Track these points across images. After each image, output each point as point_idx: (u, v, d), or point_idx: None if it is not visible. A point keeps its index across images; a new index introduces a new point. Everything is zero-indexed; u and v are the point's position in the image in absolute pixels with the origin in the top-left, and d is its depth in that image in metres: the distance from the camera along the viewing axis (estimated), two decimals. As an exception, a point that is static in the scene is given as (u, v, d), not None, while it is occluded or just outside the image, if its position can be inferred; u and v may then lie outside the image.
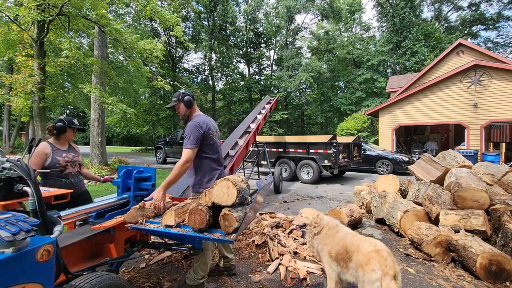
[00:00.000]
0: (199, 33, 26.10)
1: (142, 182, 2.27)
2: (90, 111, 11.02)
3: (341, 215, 3.79)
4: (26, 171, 1.36)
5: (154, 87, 19.41)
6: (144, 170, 2.30)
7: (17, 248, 0.98)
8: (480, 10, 28.92)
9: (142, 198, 2.20)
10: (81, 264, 1.77)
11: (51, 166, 2.30)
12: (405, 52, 24.61)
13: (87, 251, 1.90)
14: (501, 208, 2.97)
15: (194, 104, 2.36)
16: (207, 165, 2.27)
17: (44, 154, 2.30)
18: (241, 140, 5.60)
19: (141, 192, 2.25)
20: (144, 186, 2.26)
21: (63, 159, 2.37)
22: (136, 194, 2.23)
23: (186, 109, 2.31)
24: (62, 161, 2.36)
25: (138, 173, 2.24)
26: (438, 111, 12.26)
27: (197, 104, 2.48)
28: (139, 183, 2.25)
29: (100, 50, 10.23)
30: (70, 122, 2.44)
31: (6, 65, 16.51)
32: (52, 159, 2.31)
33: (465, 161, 4.21)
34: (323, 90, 28.90)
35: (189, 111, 2.33)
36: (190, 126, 2.19)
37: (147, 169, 2.32)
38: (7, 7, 7.59)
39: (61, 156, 2.38)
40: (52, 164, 2.31)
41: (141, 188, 2.25)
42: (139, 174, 2.24)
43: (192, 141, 2.13)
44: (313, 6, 27.43)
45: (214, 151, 2.30)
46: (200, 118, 2.27)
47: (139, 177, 2.24)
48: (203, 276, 2.16)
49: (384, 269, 1.61)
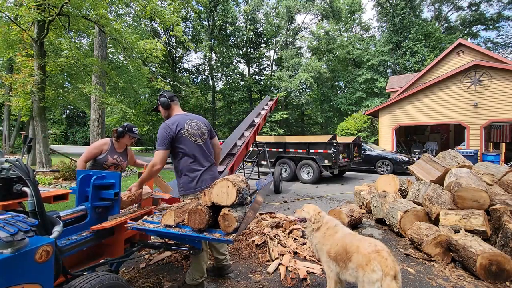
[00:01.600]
0: (199, 33, 26.13)
1: (103, 190, 1.91)
2: (90, 111, 11.02)
3: (341, 215, 3.78)
4: (25, 172, 1.36)
5: (154, 87, 19.43)
6: (106, 176, 1.95)
7: (15, 248, 0.97)
8: (480, 10, 28.92)
9: (104, 210, 1.94)
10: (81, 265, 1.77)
11: (100, 161, 2.60)
12: (405, 52, 24.61)
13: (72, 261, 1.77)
14: (501, 208, 2.97)
15: (172, 105, 2.29)
16: (185, 166, 2.18)
17: (101, 149, 2.61)
18: (240, 142, 5.61)
19: (102, 202, 1.91)
20: (106, 195, 1.89)
21: (112, 159, 2.65)
22: (96, 205, 1.88)
23: (164, 111, 2.28)
24: (110, 161, 2.64)
25: (98, 179, 1.88)
26: (438, 111, 12.25)
27: (197, 104, 2.50)
28: (100, 191, 1.90)
29: (100, 50, 10.23)
30: (129, 130, 2.72)
31: (6, 65, 16.51)
32: (104, 156, 2.61)
33: (465, 161, 4.20)
34: (323, 90, 28.90)
35: (168, 112, 2.29)
36: (160, 128, 2.14)
37: (111, 174, 1.97)
38: (7, 7, 7.59)
39: (112, 156, 2.65)
40: (102, 160, 2.61)
41: (102, 197, 1.91)
42: (99, 181, 1.88)
43: (160, 143, 2.08)
44: (313, 6, 27.45)
45: (190, 151, 2.17)
46: (173, 118, 2.20)
47: (99, 184, 1.88)
48: (201, 275, 2.14)
49: (385, 269, 1.61)
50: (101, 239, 1.87)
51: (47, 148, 8.98)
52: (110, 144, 2.66)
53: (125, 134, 2.69)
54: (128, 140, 2.75)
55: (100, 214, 1.92)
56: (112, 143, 2.68)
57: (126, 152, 2.84)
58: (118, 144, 2.73)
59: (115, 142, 2.71)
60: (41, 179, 7.04)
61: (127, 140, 2.74)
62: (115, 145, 2.71)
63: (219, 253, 2.48)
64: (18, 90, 8.84)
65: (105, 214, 1.96)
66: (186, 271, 2.59)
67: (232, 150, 5.38)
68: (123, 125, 2.72)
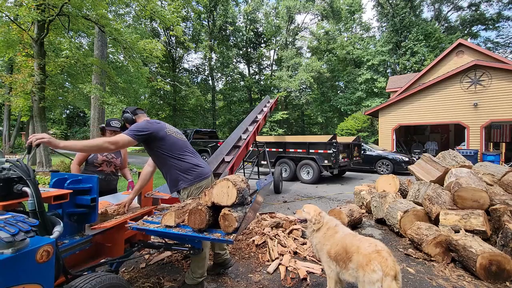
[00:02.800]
0: (199, 33, 26.13)
1: (78, 195, 1.73)
2: (90, 111, 11.02)
3: (341, 215, 3.78)
4: (26, 172, 1.36)
5: (154, 87, 19.43)
6: (82, 180, 1.77)
7: (16, 248, 0.97)
8: (480, 10, 28.90)
9: (80, 217, 1.75)
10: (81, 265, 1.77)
11: (91, 160, 2.60)
12: (405, 52, 24.60)
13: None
14: (501, 208, 2.97)
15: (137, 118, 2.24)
16: (184, 159, 2.22)
17: None
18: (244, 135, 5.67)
19: (77, 209, 1.72)
20: (82, 201, 1.71)
21: (102, 157, 2.63)
22: (70, 212, 1.70)
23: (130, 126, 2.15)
24: (100, 158, 2.63)
25: (73, 183, 1.71)
26: (438, 111, 12.26)
27: (197, 104, 2.52)
28: (75, 197, 1.71)
29: (100, 50, 10.23)
30: (107, 124, 2.69)
31: (6, 65, 16.51)
32: (94, 154, 2.60)
33: (465, 161, 4.20)
34: (323, 90, 28.89)
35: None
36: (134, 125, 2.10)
37: (87, 178, 1.78)
38: (7, 7, 7.59)
39: (102, 154, 2.63)
40: (92, 159, 2.61)
41: (78, 203, 1.72)
42: (74, 185, 1.71)
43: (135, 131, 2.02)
44: (313, 6, 27.45)
45: (182, 144, 2.25)
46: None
47: (74, 188, 1.70)
48: (201, 274, 2.13)
49: (385, 269, 1.61)
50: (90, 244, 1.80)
51: (47, 148, 8.98)
52: None
53: (105, 130, 2.67)
54: (110, 135, 2.63)
55: (76, 221, 1.75)
56: None
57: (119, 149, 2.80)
58: None
59: None
60: (41, 179, 7.04)
61: (110, 135, 2.65)
62: None
63: (221, 248, 2.52)
64: (18, 90, 8.83)
65: (81, 222, 1.78)
66: (186, 271, 2.60)
67: (237, 142, 5.68)
68: (106, 121, 2.72)
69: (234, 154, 5.12)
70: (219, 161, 4.98)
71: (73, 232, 1.75)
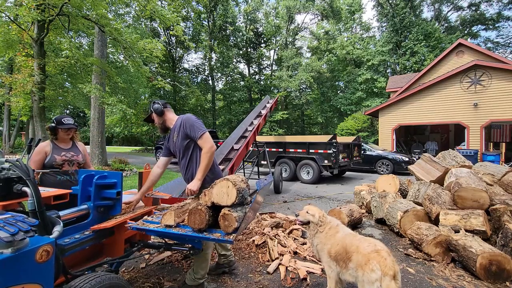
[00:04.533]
0: (199, 33, 26.12)
1: (105, 189, 1.93)
2: (90, 111, 11.01)
3: (341, 215, 3.78)
4: (25, 172, 1.36)
5: (154, 87, 19.42)
6: (108, 176, 1.97)
7: (16, 248, 0.97)
8: (480, 10, 28.89)
9: (106, 209, 1.96)
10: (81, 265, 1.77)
11: (49, 163, 2.36)
12: (405, 52, 24.59)
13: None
14: (501, 208, 2.97)
15: (166, 111, 2.29)
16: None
17: (44, 152, 2.37)
18: (237, 145, 5.68)
19: (104, 202, 1.93)
20: (108, 195, 1.91)
21: (60, 157, 2.42)
22: (98, 204, 1.90)
23: (158, 118, 2.27)
24: (59, 159, 2.41)
25: (100, 179, 1.90)
26: (438, 111, 12.26)
27: (197, 104, 2.50)
28: (102, 191, 1.92)
29: (100, 50, 10.23)
30: (58, 122, 2.43)
31: (6, 65, 16.51)
32: (50, 157, 2.38)
33: (465, 161, 4.20)
34: (323, 90, 28.89)
35: (162, 119, 2.28)
36: (191, 116, 2.20)
37: (112, 174, 1.98)
38: (7, 7, 7.58)
39: (59, 154, 2.42)
40: (50, 162, 2.37)
41: (104, 197, 1.92)
42: (101, 181, 1.91)
43: (202, 127, 2.15)
44: (313, 6, 27.45)
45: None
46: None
47: (101, 183, 1.90)
48: (203, 275, 2.13)
49: (384, 269, 1.61)
50: (102, 238, 1.87)
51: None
52: (51, 144, 2.44)
53: (57, 129, 2.44)
54: (64, 134, 2.48)
55: (102, 213, 1.93)
56: (53, 143, 2.46)
57: (76, 146, 2.59)
58: (59, 141, 2.50)
59: (55, 141, 2.48)
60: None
61: (64, 134, 2.48)
62: (57, 143, 2.48)
63: (226, 249, 2.54)
64: (18, 90, 8.82)
65: (107, 213, 1.98)
66: (186, 271, 2.60)
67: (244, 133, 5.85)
68: (52, 119, 2.47)
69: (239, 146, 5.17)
70: (219, 161, 4.98)
71: (101, 221, 1.90)
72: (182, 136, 2.16)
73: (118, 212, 2.00)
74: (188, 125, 2.14)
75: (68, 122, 2.47)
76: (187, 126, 2.14)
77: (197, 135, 2.09)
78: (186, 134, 2.14)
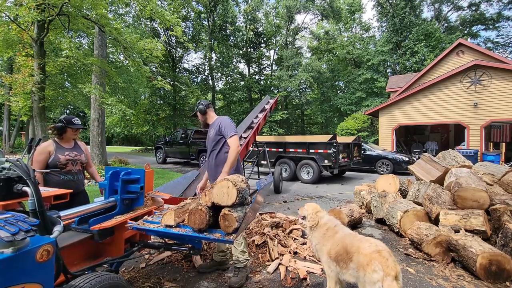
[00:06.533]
0: (199, 33, 26.10)
1: (130, 184, 2.14)
2: (90, 111, 11.01)
3: (341, 215, 3.78)
4: (26, 171, 1.36)
5: (154, 87, 19.41)
6: (132, 172, 2.17)
7: (16, 248, 0.97)
8: (480, 10, 28.88)
9: (131, 202, 2.15)
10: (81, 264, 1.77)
11: (53, 163, 2.37)
12: (405, 52, 24.59)
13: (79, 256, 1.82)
14: (501, 208, 2.97)
15: (208, 111, 2.69)
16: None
17: (47, 152, 2.37)
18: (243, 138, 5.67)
19: (129, 195, 2.12)
20: (132, 189, 2.12)
21: (64, 157, 2.42)
22: (124, 198, 2.10)
23: (201, 116, 2.72)
24: (63, 159, 2.41)
25: (126, 175, 2.11)
26: (438, 111, 12.25)
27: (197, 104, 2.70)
28: (127, 185, 2.12)
29: (100, 50, 10.22)
30: (68, 122, 2.46)
31: (6, 65, 16.51)
32: (54, 156, 2.38)
33: (465, 161, 4.20)
34: (323, 90, 28.88)
35: (204, 117, 2.70)
36: (226, 118, 2.58)
37: (136, 170, 2.19)
38: (7, 7, 7.57)
39: (63, 154, 2.43)
40: (54, 161, 2.37)
41: (129, 191, 2.12)
42: (127, 176, 2.11)
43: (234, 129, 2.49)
44: (313, 6, 27.42)
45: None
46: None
47: (126, 179, 2.11)
48: (246, 258, 2.46)
49: (386, 269, 1.61)
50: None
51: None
52: (54, 144, 2.44)
53: (67, 129, 2.45)
54: (72, 134, 2.52)
55: (127, 205, 2.13)
56: (56, 142, 2.46)
57: (78, 146, 2.61)
58: (63, 140, 2.50)
59: (58, 140, 2.48)
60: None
61: (71, 134, 2.51)
62: (61, 142, 2.49)
63: (226, 246, 2.67)
64: (18, 90, 8.82)
65: (131, 206, 2.17)
66: (186, 271, 2.60)
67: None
68: (60, 119, 2.47)
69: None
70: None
71: (126, 212, 2.10)
72: (217, 132, 2.53)
73: (141, 204, 2.19)
74: (223, 125, 2.51)
75: (78, 122, 2.54)
76: (222, 125, 2.51)
77: (228, 135, 2.44)
78: (220, 132, 2.51)
